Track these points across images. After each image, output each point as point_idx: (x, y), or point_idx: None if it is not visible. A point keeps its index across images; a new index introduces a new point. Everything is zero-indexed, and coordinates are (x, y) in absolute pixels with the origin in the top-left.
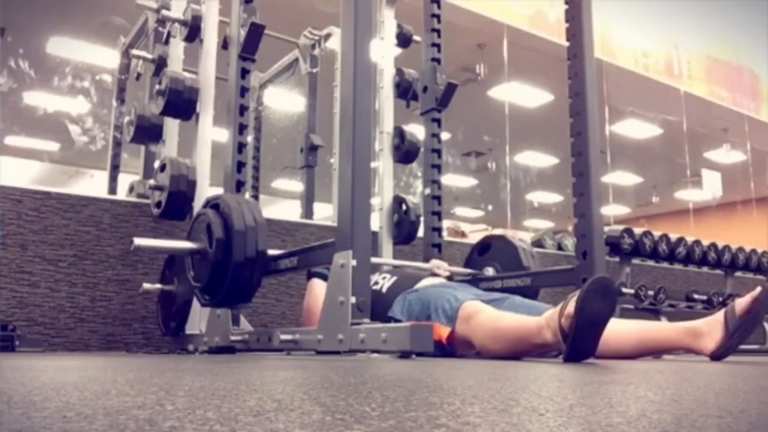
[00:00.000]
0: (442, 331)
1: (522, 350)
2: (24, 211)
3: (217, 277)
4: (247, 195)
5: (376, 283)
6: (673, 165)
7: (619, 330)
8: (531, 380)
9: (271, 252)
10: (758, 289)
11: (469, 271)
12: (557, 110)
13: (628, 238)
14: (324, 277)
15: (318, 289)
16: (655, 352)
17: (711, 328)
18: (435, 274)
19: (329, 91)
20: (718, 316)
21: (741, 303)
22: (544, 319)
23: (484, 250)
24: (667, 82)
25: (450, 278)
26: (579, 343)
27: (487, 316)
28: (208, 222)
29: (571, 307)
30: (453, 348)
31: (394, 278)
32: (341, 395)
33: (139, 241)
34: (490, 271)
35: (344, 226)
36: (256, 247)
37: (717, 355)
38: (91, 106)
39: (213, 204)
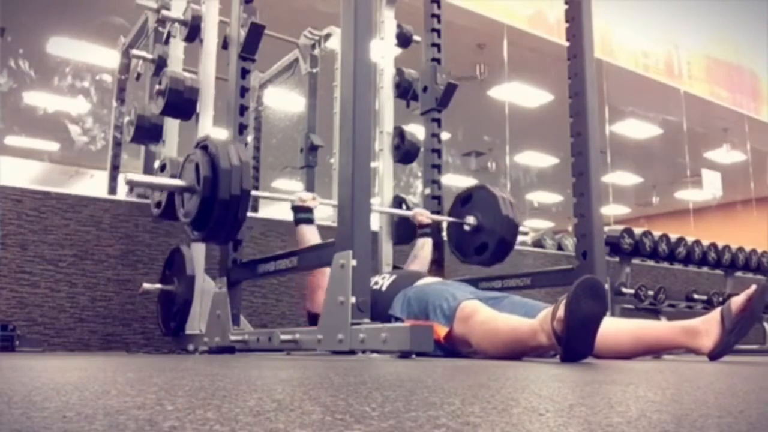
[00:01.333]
0: (440, 331)
1: (518, 352)
2: (24, 211)
3: (204, 214)
4: None
5: (376, 282)
6: (673, 165)
7: (616, 329)
8: (531, 380)
9: (271, 252)
10: (753, 287)
11: (452, 219)
12: (557, 110)
13: (628, 238)
14: (310, 222)
15: (309, 233)
16: (652, 351)
17: (708, 326)
18: (420, 226)
19: (329, 91)
20: (715, 315)
21: (737, 301)
22: (537, 322)
23: (466, 200)
24: (667, 82)
25: (431, 226)
26: (573, 345)
27: (483, 318)
28: (197, 161)
29: (561, 310)
30: (451, 347)
31: (393, 277)
32: (341, 395)
33: (131, 176)
34: (471, 220)
35: (344, 226)
36: (241, 186)
37: (714, 354)
38: (91, 106)
39: (202, 145)
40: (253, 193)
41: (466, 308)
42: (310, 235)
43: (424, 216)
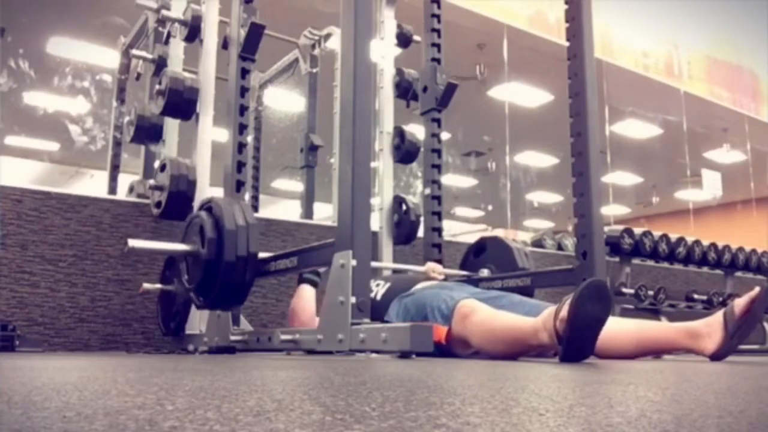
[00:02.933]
0: (439, 331)
1: (518, 351)
2: (24, 211)
3: (210, 278)
4: (247, 196)
5: (371, 290)
6: (673, 165)
7: (618, 330)
8: (531, 380)
9: (271, 253)
10: (756, 289)
11: (464, 273)
12: (557, 110)
13: (628, 238)
14: (314, 284)
15: (307, 293)
16: (654, 352)
17: (710, 329)
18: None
19: (329, 91)
20: (717, 317)
21: (740, 303)
22: (540, 320)
23: (479, 251)
24: (667, 82)
25: (445, 280)
26: (575, 346)
27: (482, 316)
28: (201, 224)
29: (565, 310)
30: (451, 347)
31: (388, 284)
32: (341, 395)
33: (133, 243)
34: (485, 273)
35: (344, 226)
36: (247, 248)
37: (717, 356)
38: (91, 106)
39: (206, 207)
40: (374, 265)
41: (464, 307)
42: (312, 299)
43: (437, 272)
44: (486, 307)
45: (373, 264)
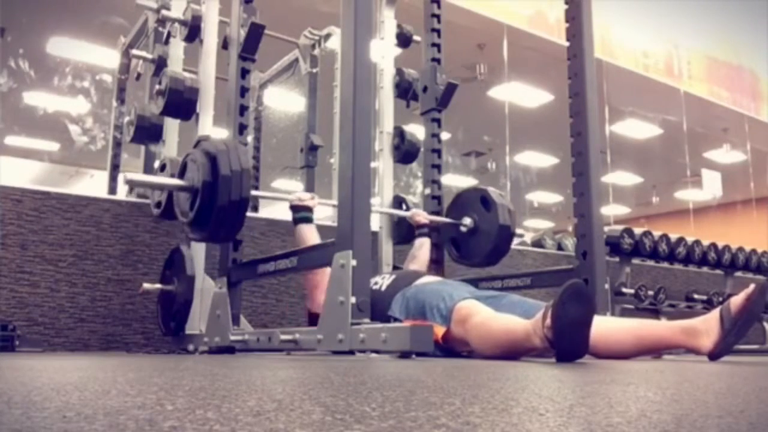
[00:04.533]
0: (438, 331)
1: (515, 353)
2: (24, 211)
3: (203, 214)
4: None
5: (376, 283)
6: (673, 165)
7: (616, 329)
8: (531, 380)
9: (272, 252)
10: (752, 286)
11: (448, 220)
12: (557, 110)
13: (628, 238)
14: (309, 221)
15: (306, 231)
16: (652, 350)
17: (707, 326)
18: (418, 226)
19: (329, 91)
20: (714, 315)
21: (736, 301)
22: (530, 325)
23: (462, 200)
24: (667, 82)
25: (428, 226)
26: (564, 348)
27: (479, 319)
28: (197, 162)
29: (549, 315)
30: (450, 347)
31: (393, 277)
32: (341, 395)
33: (131, 176)
34: (467, 221)
35: (344, 226)
36: (241, 192)
37: (714, 354)
38: (91, 106)
39: (202, 146)
40: (253, 193)
41: (462, 309)
42: (310, 235)
43: (421, 216)
44: (484, 309)
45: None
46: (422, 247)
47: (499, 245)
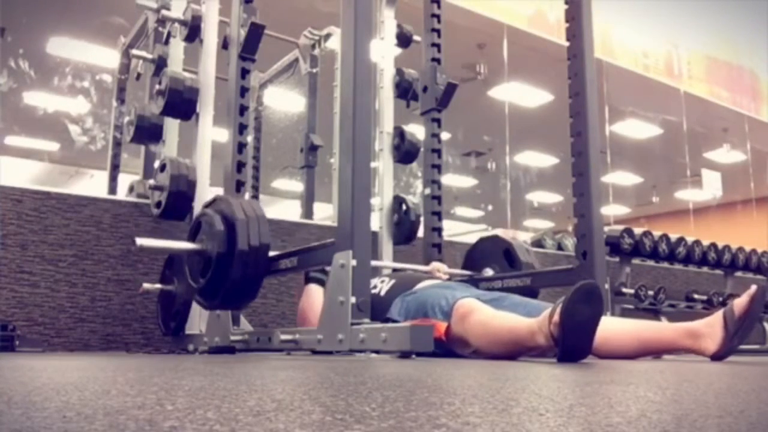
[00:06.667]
0: (439, 327)
1: (516, 352)
2: (24, 211)
3: (219, 276)
4: (247, 195)
5: (375, 287)
6: (673, 165)
7: (618, 330)
8: (531, 380)
9: (272, 252)
10: (753, 287)
11: (468, 273)
12: (557, 110)
13: (628, 238)
14: (321, 283)
15: (315, 293)
16: (654, 352)
17: (711, 329)
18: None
19: (329, 91)
20: (718, 317)
21: (739, 303)
22: (536, 323)
23: (480, 251)
24: (667, 82)
25: (449, 280)
26: (570, 348)
27: (480, 317)
28: (210, 222)
29: (558, 313)
30: (450, 345)
31: (393, 281)
32: (341, 395)
33: (141, 241)
34: (489, 272)
35: (344, 226)
36: (259, 239)
37: (718, 356)
38: (91, 106)
39: (213, 204)
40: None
41: (462, 307)
42: (320, 299)
43: (441, 272)
44: (485, 307)
45: (375, 263)
46: None
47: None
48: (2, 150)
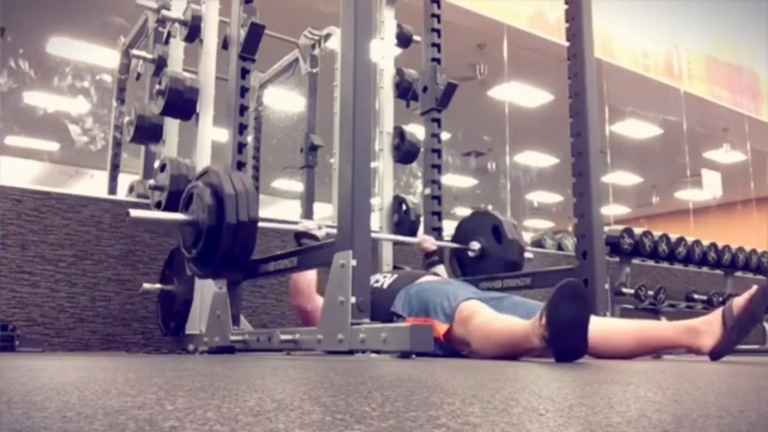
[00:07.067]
0: (440, 328)
1: (515, 353)
2: (24, 211)
3: (207, 254)
4: None
5: (377, 281)
6: (673, 165)
7: (617, 329)
8: (531, 380)
9: (272, 253)
10: (755, 287)
11: (456, 245)
12: (557, 110)
13: (628, 238)
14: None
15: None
16: (654, 350)
17: (709, 326)
18: (428, 254)
19: (329, 91)
20: (716, 315)
21: (738, 302)
22: (530, 325)
23: (474, 223)
24: (667, 82)
25: (438, 253)
26: (561, 348)
27: (480, 320)
28: (201, 194)
29: (544, 316)
30: (451, 346)
31: (395, 275)
32: (341, 395)
33: (135, 213)
34: (476, 245)
35: (344, 226)
36: (248, 213)
37: (716, 353)
38: (91, 106)
39: (203, 176)
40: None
41: (465, 310)
42: (311, 275)
43: (429, 243)
44: (486, 310)
45: (374, 235)
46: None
47: (511, 262)
48: (2, 150)
